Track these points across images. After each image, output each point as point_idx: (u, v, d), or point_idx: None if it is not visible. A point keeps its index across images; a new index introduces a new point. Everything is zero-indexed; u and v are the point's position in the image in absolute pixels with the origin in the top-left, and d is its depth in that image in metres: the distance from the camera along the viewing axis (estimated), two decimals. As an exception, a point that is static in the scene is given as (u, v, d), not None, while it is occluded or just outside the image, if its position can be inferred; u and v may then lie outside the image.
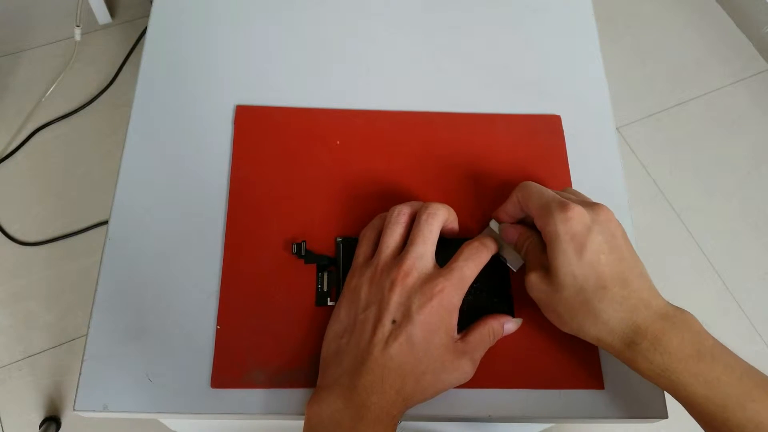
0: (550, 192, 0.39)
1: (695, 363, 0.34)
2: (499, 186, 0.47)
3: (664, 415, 0.40)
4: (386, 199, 0.46)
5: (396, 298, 0.36)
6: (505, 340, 0.40)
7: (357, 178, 0.46)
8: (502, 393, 0.40)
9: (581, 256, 0.35)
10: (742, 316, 1.20)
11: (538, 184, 0.40)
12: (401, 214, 0.40)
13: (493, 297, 0.42)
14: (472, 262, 0.38)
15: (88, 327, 0.41)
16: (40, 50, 1.38)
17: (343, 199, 0.45)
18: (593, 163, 0.49)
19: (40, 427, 1.02)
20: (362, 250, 0.41)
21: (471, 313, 0.40)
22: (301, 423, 0.37)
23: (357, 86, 0.51)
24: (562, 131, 0.50)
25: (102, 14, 1.39)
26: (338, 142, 0.48)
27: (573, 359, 0.41)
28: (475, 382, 0.38)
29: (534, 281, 0.38)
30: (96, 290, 0.42)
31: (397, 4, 0.56)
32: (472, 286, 0.39)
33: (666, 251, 1.26)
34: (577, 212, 0.36)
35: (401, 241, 0.39)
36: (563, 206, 0.36)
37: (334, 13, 0.55)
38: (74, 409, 0.39)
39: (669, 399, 0.41)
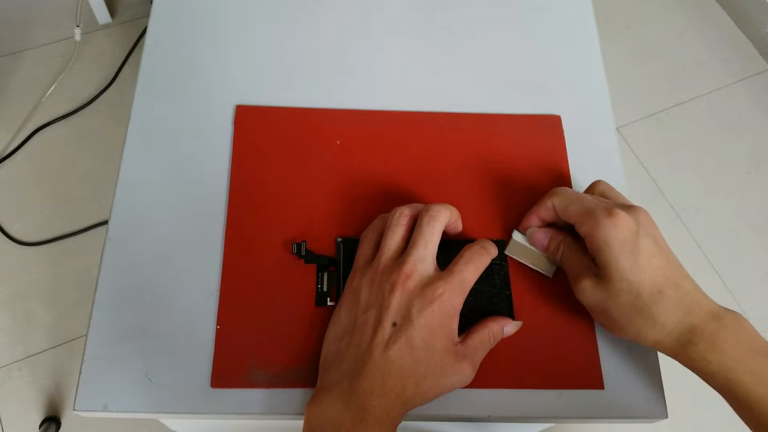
0: (588, 197, 0.39)
1: (752, 361, 0.35)
2: (499, 186, 0.47)
3: (664, 415, 0.40)
4: (386, 199, 0.46)
5: (396, 301, 0.36)
6: (505, 341, 0.40)
7: (357, 178, 0.46)
8: (502, 393, 0.40)
9: (635, 261, 0.36)
10: (742, 316, 1.20)
11: (572, 189, 0.40)
12: (403, 216, 0.40)
13: (493, 299, 0.42)
14: (472, 266, 0.38)
15: (88, 327, 0.41)
16: (40, 50, 1.38)
17: (343, 199, 0.45)
18: (593, 163, 0.49)
19: (40, 427, 1.02)
20: (363, 252, 0.41)
21: (471, 315, 0.40)
22: (301, 423, 0.37)
23: (357, 86, 0.51)
24: (562, 131, 0.50)
25: (102, 14, 1.39)
26: (338, 142, 0.48)
27: (573, 359, 0.41)
28: (475, 383, 0.38)
29: (587, 288, 0.38)
30: (96, 290, 0.42)
31: (397, 4, 0.56)
32: (472, 288, 0.39)
33: (666, 251, 1.26)
34: (622, 218, 0.36)
35: (402, 243, 0.39)
36: (609, 212, 0.36)
37: (334, 13, 0.55)
38: (74, 409, 0.39)
39: (669, 399, 0.41)
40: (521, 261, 0.43)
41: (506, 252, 0.43)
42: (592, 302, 0.38)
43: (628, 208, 0.38)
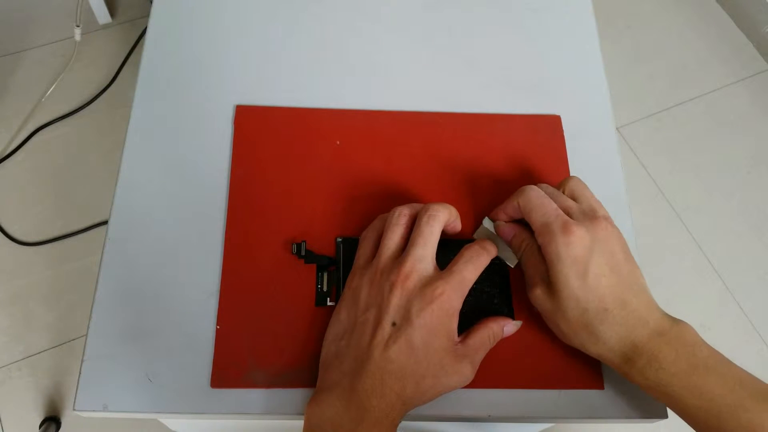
0: (551, 207, 0.39)
1: (688, 376, 0.35)
2: (499, 186, 0.47)
3: (664, 415, 0.40)
4: (386, 199, 0.46)
5: (396, 301, 0.36)
6: (505, 340, 0.40)
7: (357, 178, 0.46)
8: (502, 393, 0.40)
9: (584, 280, 0.36)
10: (742, 316, 1.20)
11: (539, 192, 0.40)
12: (402, 216, 0.40)
13: (493, 298, 0.42)
14: (472, 265, 0.38)
15: (88, 327, 0.41)
16: (40, 50, 1.38)
17: (343, 199, 0.45)
18: (593, 163, 0.49)
19: (40, 427, 1.02)
20: (363, 252, 0.41)
21: (471, 315, 0.40)
22: (301, 423, 0.37)
23: (357, 86, 0.51)
24: (562, 131, 0.50)
25: (102, 14, 1.39)
26: (338, 142, 0.48)
27: (573, 359, 0.41)
28: (475, 382, 0.38)
29: (539, 296, 0.39)
30: (96, 290, 0.42)
31: (398, 4, 0.56)
32: (472, 288, 0.39)
33: (666, 251, 1.26)
34: (578, 235, 0.37)
35: (402, 243, 0.39)
36: (565, 229, 0.37)
37: (334, 13, 0.55)
38: (74, 409, 0.39)
39: (669, 399, 0.41)
40: None
41: (474, 236, 0.44)
42: (542, 310, 0.39)
43: (591, 219, 0.38)
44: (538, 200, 0.39)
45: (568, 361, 0.41)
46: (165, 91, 0.50)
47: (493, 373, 0.40)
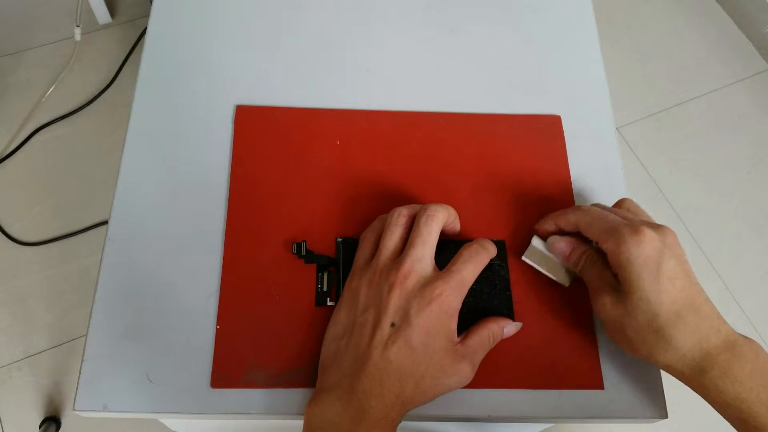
0: (612, 215, 0.38)
1: (767, 392, 0.34)
2: (499, 186, 0.47)
3: (664, 415, 0.40)
4: (386, 199, 0.46)
5: (395, 301, 0.36)
6: (505, 341, 0.40)
7: (357, 178, 0.46)
8: (502, 393, 0.40)
9: (656, 281, 0.35)
10: (742, 316, 1.20)
11: (596, 207, 0.39)
12: (401, 216, 0.40)
13: (493, 299, 0.42)
14: (471, 265, 0.38)
15: (88, 327, 0.41)
16: (40, 50, 1.38)
17: (343, 199, 0.45)
18: (593, 163, 0.49)
19: (40, 427, 1.02)
20: (362, 252, 0.41)
21: (471, 315, 0.40)
22: (301, 423, 0.37)
23: (357, 86, 0.51)
24: (562, 131, 0.50)
25: (102, 14, 1.39)
26: (338, 142, 0.48)
27: (573, 359, 0.41)
28: (475, 382, 0.38)
29: (607, 304, 0.37)
30: (96, 290, 0.42)
31: (398, 4, 0.56)
32: (472, 288, 0.39)
33: (666, 251, 1.26)
34: (648, 236, 0.35)
35: (401, 243, 0.39)
36: (634, 229, 0.36)
37: (334, 13, 0.55)
38: (74, 409, 0.39)
39: (669, 399, 0.41)
40: (537, 268, 0.42)
41: (524, 258, 0.42)
42: (610, 318, 0.37)
43: (655, 226, 0.37)
44: (598, 212, 0.38)
45: (568, 361, 0.41)
46: (165, 91, 0.50)
47: (493, 373, 0.40)
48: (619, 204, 0.42)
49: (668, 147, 1.37)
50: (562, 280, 0.42)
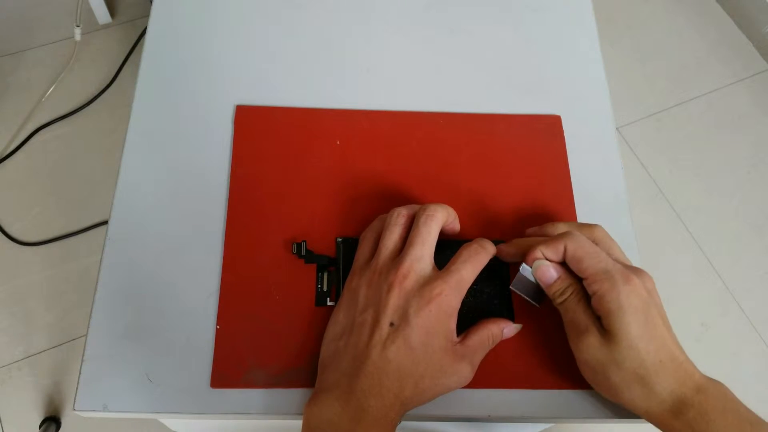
0: (604, 254, 0.37)
1: (739, 428, 0.35)
2: (499, 186, 0.47)
3: (664, 415, 0.40)
4: (386, 199, 0.46)
5: (394, 301, 0.36)
6: (505, 341, 0.40)
7: (357, 178, 0.46)
8: (502, 393, 0.40)
9: (645, 330, 0.35)
10: (742, 316, 1.20)
11: (586, 239, 0.38)
12: (400, 216, 0.40)
13: (493, 299, 0.42)
14: (470, 265, 0.38)
15: (88, 327, 0.41)
16: (40, 50, 1.38)
17: (343, 199, 0.45)
18: (593, 163, 0.49)
19: (40, 427, 1.02)
20: (362, 252, 0.41)
21: (470, 315, 0.40)
22: (301, 423, 0.37)
23: (357, 86, 0.51)
24: (562, 131, 0.50)
25: (102, 14, 1.39)
26: (338, 142, 0.48)
27: (573, 359, 0.41)
28: (475, 382, 0.38)
29: (593, 346, 0.37)
30: (96, 290, 0.42)
31: (398, 4, 0.56)
32: (472, 288, 0.39)
33: (666, 251, 1.26)
34: (638, 285, 0.36)
35: (400, 243, 0.39)
36: (626, 278, 0.36)
37: (334, 13, 0.55)
38: (74, 409, 0.39)
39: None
40: (521, 294, 0.41)
41: (511, 287, 0.40)
42: (594, 360, 0.37)
43: (638, 272, 0.37)
44: (590, 247, 0.38)
45: (567, 361, 0.41)
46: (165, 91, 0.50)
47: (493, 373, 0.40)
48: (591, 230, 0.40)
49: (668, 147, 1.37)
50: (534, 300, 0.41)
